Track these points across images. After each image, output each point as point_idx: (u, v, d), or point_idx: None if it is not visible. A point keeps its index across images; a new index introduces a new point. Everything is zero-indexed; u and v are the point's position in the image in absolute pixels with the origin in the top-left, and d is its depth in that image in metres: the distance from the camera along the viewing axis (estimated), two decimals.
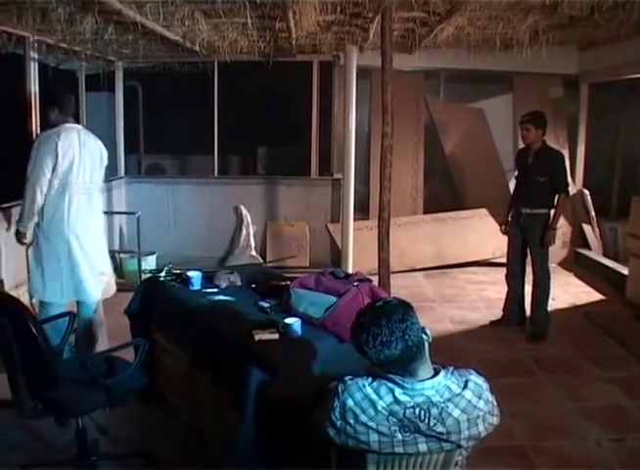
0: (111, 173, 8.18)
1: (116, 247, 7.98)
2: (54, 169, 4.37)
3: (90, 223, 4.72)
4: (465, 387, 2.11)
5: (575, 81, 8.62)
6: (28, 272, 4.85)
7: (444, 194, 8.92)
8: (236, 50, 7.20)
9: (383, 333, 2.05)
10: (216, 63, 8.01)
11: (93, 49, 6.82)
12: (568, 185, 5.65)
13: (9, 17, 5.01)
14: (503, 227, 6.04)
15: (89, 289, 4.76)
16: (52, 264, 4.59)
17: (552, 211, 5.64)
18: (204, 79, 7.97)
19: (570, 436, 4.02)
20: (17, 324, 3.01)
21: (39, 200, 4.38)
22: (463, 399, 2.08)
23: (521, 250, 5.89)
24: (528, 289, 5.91)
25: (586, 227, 8.42)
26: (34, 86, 5.98)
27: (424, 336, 2.12)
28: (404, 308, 2.13)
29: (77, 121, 4.67)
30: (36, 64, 5.97)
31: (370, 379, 2.12)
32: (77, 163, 4.50)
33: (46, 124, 4.53)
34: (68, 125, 4.48)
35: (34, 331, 2.96)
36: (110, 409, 3.63)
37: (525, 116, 5.72)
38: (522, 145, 6.02)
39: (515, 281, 5.99)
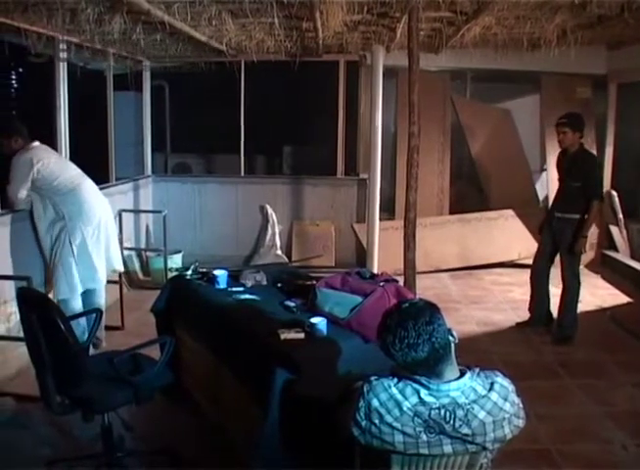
0: (137, 172, 8.27)
1: (143, 245, 8.04)
2: (57, 177, 4.99)
3: (103, 201, 5.38)
4: (491, 389, 2.10)
5: (604, 81, 8.53)
6: (62, 275, 5.03)
7: (470, 194, 8.88)
8: (263, 50, 7.20)
9: (410, 335, 2.05)
10: (243, 62, 8.02)
11: (121, 49, 6.87)
12: (601, 192, 5.53)
13: (39, 17, 5.06)
14: (540, 230, 6.03)
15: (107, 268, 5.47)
16: (98, 246, 5.18)
17: (585, 217, 5.49)
18: (230, 79, 7.99)
19: (596, 440, 3.98)
20: (45, 321, 3.04)
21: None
22: (489, 401, 2.07)
23: (549, 253, 5.83)
24: (554, 291, 5.87)
25: (614, 229, 8.34)
26: (64, 86, 6.04)
27: (450, 337, 2.12)
28: (431, 310, 2.12)
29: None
30: (65, 64, 6.03)
31: (395, 379, 2.12)
32: (61, 162, 5.27)
33: (12, 151, 4.99)
34: (33, 144, 5.03)
35: (62, 328, 2.99)
36: (135, 406, 3.66)
37: (562, 118, 5.55)
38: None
39: (538, 283, 5.95)
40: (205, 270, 4.31)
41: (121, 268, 5.69)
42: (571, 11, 5.39)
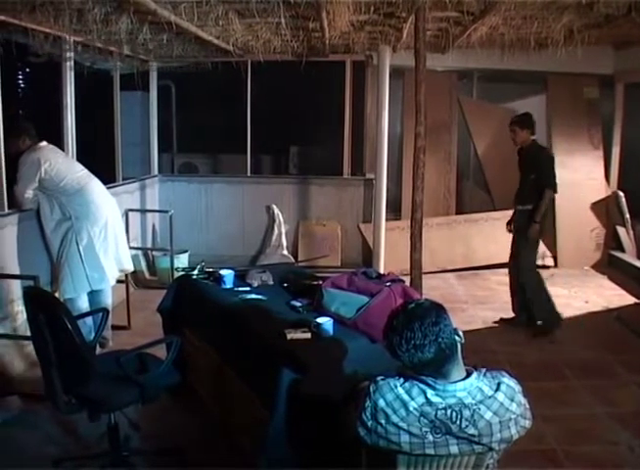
0: (144, 172, 8.29)
1: (149, 244, 8.06)
2: (64, 177, 5.02)
3: (111, 201, 5.39)
4: (497, 389, 2.10)
5: (611, 81, 8.52)
6: (68, 274, 5.04)
7: (477, 195, 8.86)
8: (269, 50, 7.21)
9: (416, 337, 2.04)
10: (250, 62, 8.04)
11: (128, 49, 6.88)
12: (553, 182, 5.73)
13: (46, 17, 5.07)
14: (508, 226, 6.22)
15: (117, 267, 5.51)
16: (105, 247, 5.19)
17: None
18: (237, 79, 8.00)
19: (601, 441, 3.98)
20: (52, 320, 3.05)
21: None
22: (495, 402, 2.07)
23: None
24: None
25: (620, 229, 8.33)
26: (70, 86, 6.05)
27: (456, 338, 2.11)
28: (437, 311, 2.12)
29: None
30: (72, 63, 6.04)
31: (402, 380, 2.11)
32: (68, 162, 5.28)
33: (19, 151, 5.03)
34: (41, 145, 5.05)
35: (69, 327, 3.00)
36: (142, 405, 3.66)
37: (512, 118, 6.02)
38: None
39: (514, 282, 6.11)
40: (211, 270, 4.32)
41: (131, 268, 5.70)
42: (579, 11, 5.38)
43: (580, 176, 8.39)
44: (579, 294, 7.14)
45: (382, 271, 6.05)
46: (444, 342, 2.05)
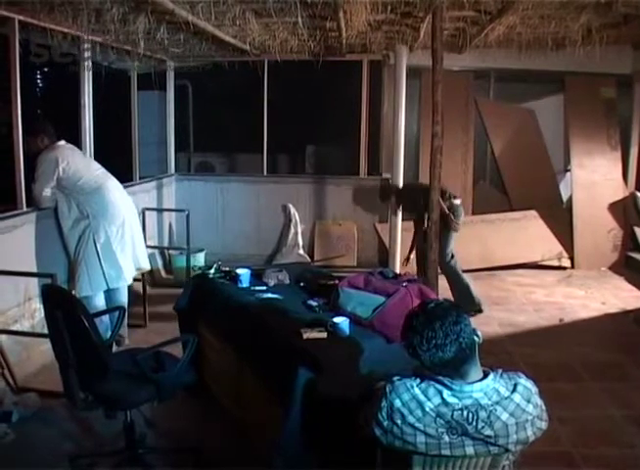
0: (161, 171, 8.32)
1: (166, 243, 8.09)
2: (81, 176, 5.06)
3: (128, 200, 5.43)
4: (514, 390, 2.09)
5: (629, 81, 8.46)
6: (85, 272, 5.07)
7: (493, 195, 8.83)
8: (286, 49, 7.21)
9: (437, 336, 2.05)
10: (266, 62, 8.05)
11: (145, 48, 6.90)
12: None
13: (64, 17, 5.11)
14: None
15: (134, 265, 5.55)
16: (122, 245, 5.23)
17: None
18: (254, 78, 8.01)
19: (617, 443, 3.94)
20: (69, 318, 3.07)
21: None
22: (512, 403, 2.06)
23: None
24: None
25: (638, 230, 8.27)
26: (88, 85, 6.08)
27: (475, 338, 2.11)
28: (457, 311, 2.12)
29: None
30: (90, 63, 6.07)
31: (418, 380, 2.11)
32: (85, 161, 5.35)
33: (38, 150, 5.06)
34: (59, 144, 5.09)
35: (87, 325, 3.02)
36: (157, 404, 3.68)
37: None
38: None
39: None
40: (227, 269, 4.33)
41: (148, 267, 5.72)
42: (597, 10, 5.36)
43: (598, 177, 8.34)
44: (596, 295, 7.10)
45: (398, 271, 6.05)
46: (465, 341, 2.06)
